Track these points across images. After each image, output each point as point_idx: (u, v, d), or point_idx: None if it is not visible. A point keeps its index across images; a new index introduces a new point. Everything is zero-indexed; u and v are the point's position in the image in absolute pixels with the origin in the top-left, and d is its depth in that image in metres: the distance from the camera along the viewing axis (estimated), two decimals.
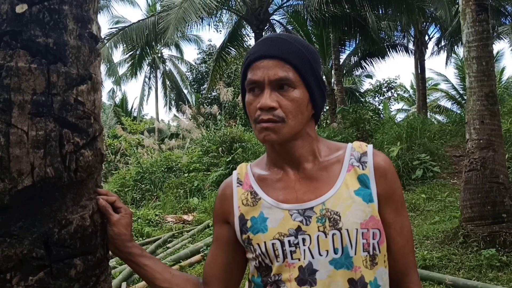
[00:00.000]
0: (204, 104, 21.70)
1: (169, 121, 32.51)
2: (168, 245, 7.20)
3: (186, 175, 12.27)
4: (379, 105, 26.40)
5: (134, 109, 33.91)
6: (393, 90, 30.65)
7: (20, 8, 1.14)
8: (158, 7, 24.28)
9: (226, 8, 13.80)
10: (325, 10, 13.39)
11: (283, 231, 1.18)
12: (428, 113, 28.34)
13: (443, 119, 26.41)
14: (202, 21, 13.87)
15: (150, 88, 32.95)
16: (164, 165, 13.47)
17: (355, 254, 1.15)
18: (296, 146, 1.22)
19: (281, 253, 1.17)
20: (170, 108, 33.11)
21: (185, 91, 32.80)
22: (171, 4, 11.82)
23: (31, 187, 1.12)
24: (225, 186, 1.35)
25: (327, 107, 20.41)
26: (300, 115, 1.18)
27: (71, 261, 1.18)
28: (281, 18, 16.61)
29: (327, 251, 1.14)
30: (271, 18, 14.75)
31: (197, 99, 27.90)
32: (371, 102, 27.46)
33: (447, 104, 28.48)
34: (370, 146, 1.27)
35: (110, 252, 1.34)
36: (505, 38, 24.50)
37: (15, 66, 1.11)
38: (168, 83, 32.80)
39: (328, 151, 1.27)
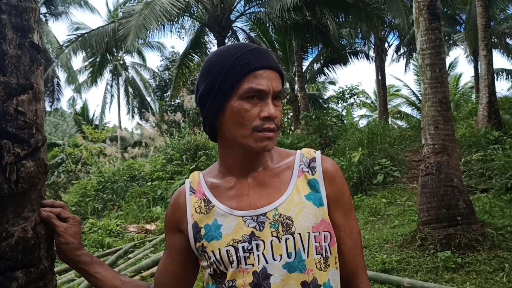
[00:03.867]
0: (168, 112, 21.47)
1: (132, 129, 32.10)
2: (130, 255, 7.09)
3: (149, 183, 12.12)
4: (342, 111, 26.80)
5: (96, 117, 33.33)
6: (355, 97, 31.20)
7: None
8: (120, 14, 23.96)
9: (187, 15, 13.73)
10: (287, 17, 13.53)
11: (237, 238, 1.19)
12: (390, 119, 28.97)
13: (403, 125, 27.05)
14: (164, 28, 13.77)
15: (112, 95, 32.46)
16: (127, 174, 13.26)
17: (308, 257, 1.17)
18: (264, 154, 1.26)
19: (235, 259, 1.18)
20: (133, 116, 32.71)
21: (148, 99, 32.47)
22: (132, 11, 11.72)
23: None
24: (178, 194, 1.34)
25: (291, 114, 20.61)
26: None
27: (13, 274, 1.17)
28: (244, 25, 16.69)
29: (281, 255, 1.17)
30: (233, 25, 14.80)
31: (161, 106, 27.60)
32: (334, 108, 27.86)
33: (408, 109, 29.19)
34: (318, 152, 1.32)
35: (62, 263, 1.32)
36: (461, 45, 25.34)
37: None
38: (130, 90, 32.39)
39: (279, 158, 1.31)
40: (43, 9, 23.33)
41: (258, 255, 1.17)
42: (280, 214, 1.19)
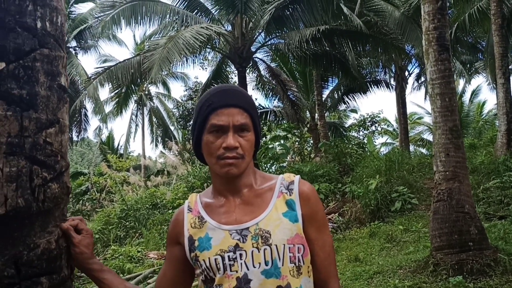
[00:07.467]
0: (191, 141, 21.88)
1: (156, 158, 32.67)
2: (149, 280, 7.28)
3: (170, 211, 12.37)
4: (363, 139, 26.82)
5: (121, 146, 34.00)
6: (376, 124, 31.14)
7: None
8: (147, 47, 24.70)
9: (209, 47, 14.18)
10: (306, 48, 13.84)
11: (224, 248, 1.42)
12: (412, 147, 28.79)
13: (426, 152, 26.90)
14: (187, 60, 14.23)
15: (137, 125, 33.13)
16: (149, 202, 13.57)
17: (283, 265, 1.39)
18: (242, 177, 1.49)
19: (222, 266, 1.40)
20: (156, 145, 33.28)
21: (172, 128, 33.03)
22: (156, 45, 12.17)
23: (4, 215, 1.32)
24: (178, 212, 1.60)
25: (312, 142, 20.76)
26: (251, 153, 1.48)
27: (38, 279, 1.39)
28: (264, 56, 17.05)
29: (260, 263, 1.39)
30: (254, 56, 15.17)
31: (184, 135, 28.11)
32: (356, 136, 27.87)
33: (430, 137, 29.04)
34: (298, 176, 1.55)
35: (76, 272, 1.54)
36: (483, 73, 25.24)
37: None
38: (154, 120, 33.04)
39: (263, 181, 1.54)
40: (73, 43, 24.20)
41: (241, 263, 1.40)
42: (260, 229, 1.42)
